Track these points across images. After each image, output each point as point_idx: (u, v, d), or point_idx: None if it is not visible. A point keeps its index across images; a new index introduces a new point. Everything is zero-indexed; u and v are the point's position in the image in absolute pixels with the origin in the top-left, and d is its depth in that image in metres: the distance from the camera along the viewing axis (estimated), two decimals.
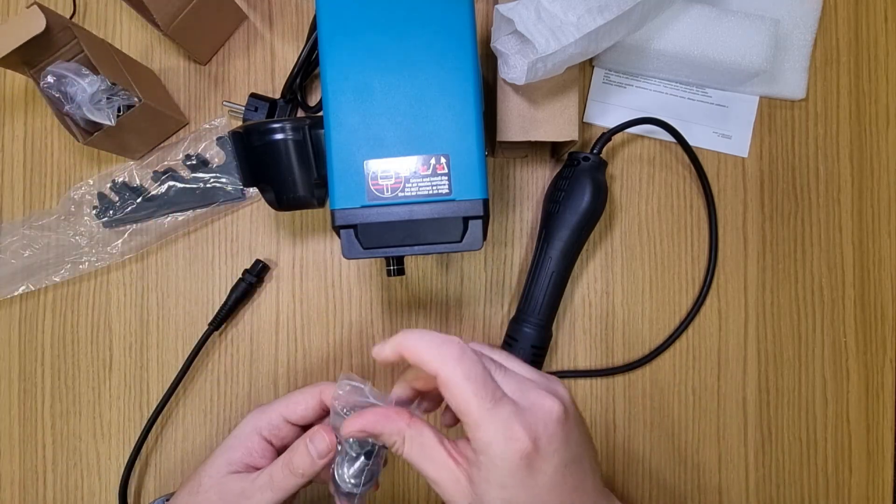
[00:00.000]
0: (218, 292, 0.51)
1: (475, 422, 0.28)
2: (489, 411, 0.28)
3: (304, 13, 0.53)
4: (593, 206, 0.45)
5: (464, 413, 0.28)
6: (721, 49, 0.46)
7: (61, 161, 0.53)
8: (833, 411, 0.50)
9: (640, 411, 0.50)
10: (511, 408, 0.28)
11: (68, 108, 0.44)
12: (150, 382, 0.51)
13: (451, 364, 0.29)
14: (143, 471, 0.51)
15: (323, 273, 0.51)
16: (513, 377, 0.30)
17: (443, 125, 0.36)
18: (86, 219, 0.51)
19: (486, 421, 0.28)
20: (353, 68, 0.36)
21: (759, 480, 0.50)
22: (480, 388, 0.28)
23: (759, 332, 0.50)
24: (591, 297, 0.51)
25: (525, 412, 0.29)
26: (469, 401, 0.28)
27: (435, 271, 0.51)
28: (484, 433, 0.28)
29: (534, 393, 0.30)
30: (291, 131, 0.39)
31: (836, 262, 0.51)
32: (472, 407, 0.28)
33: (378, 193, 0.36)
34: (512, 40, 0.42)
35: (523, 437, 0.28)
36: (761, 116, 0.51)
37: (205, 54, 0.52)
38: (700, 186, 0.51)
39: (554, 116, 0.44)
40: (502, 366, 0.31)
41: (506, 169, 0.51)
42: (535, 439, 0.28)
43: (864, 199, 0.51)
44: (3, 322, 0.52)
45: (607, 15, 0.39)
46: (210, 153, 0.51)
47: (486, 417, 0.28)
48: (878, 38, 0.52)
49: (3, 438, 0.51)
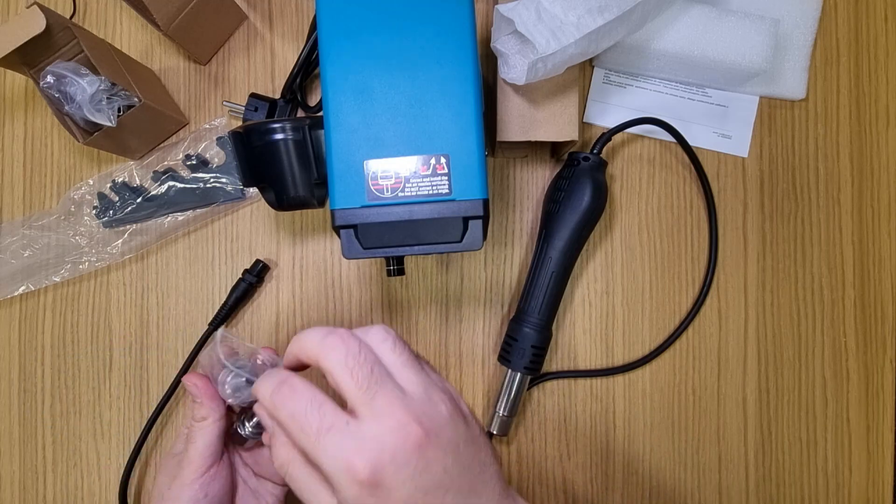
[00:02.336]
0: (218, 292, 0.51)
1: (313, 452, 0.27)
2: (318, 442, 0.27)
3: (304, 13, 0.53)
4: (593, 206, 0.45)
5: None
6: (721, 49, 0.46)
7: (61, 161, 0.53)
8: (833, 411, 0.50)
9: (640, 411, 0.50)
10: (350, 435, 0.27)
11: (68, 108, 0.44)
12: (150, 382, 0.51)
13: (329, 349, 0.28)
14: (143, 471, 0.51)
15: (323, 273, 0.51)
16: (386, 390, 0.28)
17: (443, 125, 0.36)
18: (86, 219, 0.51)
19: (319, 452, 0.27)
20: (353, 68, 0.36)
21: (759, 480, 0.50)
22: (315, 416, 0.28)
23: (759, 332, 0.50)
24: (591, 297, 0.51)
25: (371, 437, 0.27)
26: (305, 433, 0.27)
27: (435, 271, 0.51)
28: (323, 464, 0.27)
29: (396, 415, 0.27)
30: (291, 131, 0.39)
31: (836, 262, 0.51)
32: (308, 439, 0.27)
33: (378, 193, 0.36)
34: (512, 40, 0.42)
35: (361, 467, 0.26)
36: (761, 116, 0.51)
37: (205, 54, 0.52)
38: (700, 186, 0.51)
39: (554, 116, 0.44)
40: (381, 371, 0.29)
41: (506, 169, 0.51)
42: (376, 467, 0.26)
43: (864, 199, 0.51)
44: (3, 322, 0.52)
45: (607, 15, 0.39)
46: (210, 153, 0.51)
47: (319, 447, 0.27)
48: (878, 38, 0.52)
49: (3, 438, 0.51)
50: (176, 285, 0.52)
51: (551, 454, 0.50)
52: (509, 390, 0.47)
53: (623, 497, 0.50)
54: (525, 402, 0.50)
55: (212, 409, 0.38)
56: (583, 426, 0.50)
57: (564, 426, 0.50)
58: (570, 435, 0.50)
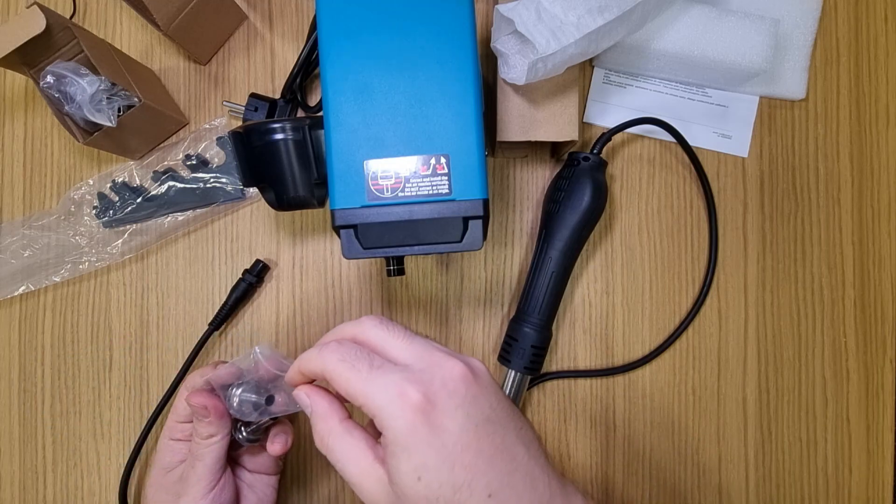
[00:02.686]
0: (218, 292, 0.51)
1: (362, 393, 0.28)
2: (368, 379, 0.28)
3: (304, 13, 0.53)
4: (593, 206, 0.45)
5: (351, 395, 0.28)
6: (721, 49, 0.46)
7: (61, 161, 0.53)
8: (833, 411, 0.50)
9: (640, 411, 0.50)
10: (398, 370, 0.28)
11: (68, 108, 0.44)
12: (150, 382, 0.51)
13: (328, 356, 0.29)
14: (143, 471, 0.51)
15: (323, 273, 0.51)
16: (417, 345, 0.30)
17: (443, 125, 0.36)
18: (86, 219, 0.51)
19: (370, 387, 0.28)
20: (353, 68, 0.36)
21: (759, 480, 0.50)
22: (355, 362, 0.28)
23: (759, 332, 0.50)
24: (591, 297, 0.51)
25: (418, 372, 0.28)
26: (348, 378, 0.28)
27: (435, 271, 0.51)
28: (373, 399, 0.27)
29: (435, 356, 0.29)
30: (291, 131, 0.39)
31: (836, 262, 0.51)
32: (353, 382, 0.28)
33: (378, 193, 0.36)
34: (512, 40, 0.42)
35: (413, 392, 0.27)
36: (761, 116, 0.51)
37: (205, 54, 0.52)
38: (700, 186, 0.51)
39: (554, 116, 0.44)
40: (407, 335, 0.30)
41: (506, 169, 0.51)
42: (427, 393, 0.27)
43: (864, 199, 0.51)
44: (3, 322, 0.52)
45: (607, 15, 0.39)
46: (210, 153, 0.51)
47: (370, 384, 0.28)
48: (878, 38, 0.52)
49: (3, 438, 0.51)
50: (176, 285, 0.52)
51: (551, 454, 0.50)
52: (509, 390, 0.47)
53: (623, 497, 0.50)
54: (525, 402, 0.50)
55: (220, 427, 0.37)
56: (583, 426, 0.50)
57: (564, 426, 0.50)
58: (570, 435, 0.50)
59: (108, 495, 0.51)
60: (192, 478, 0.37)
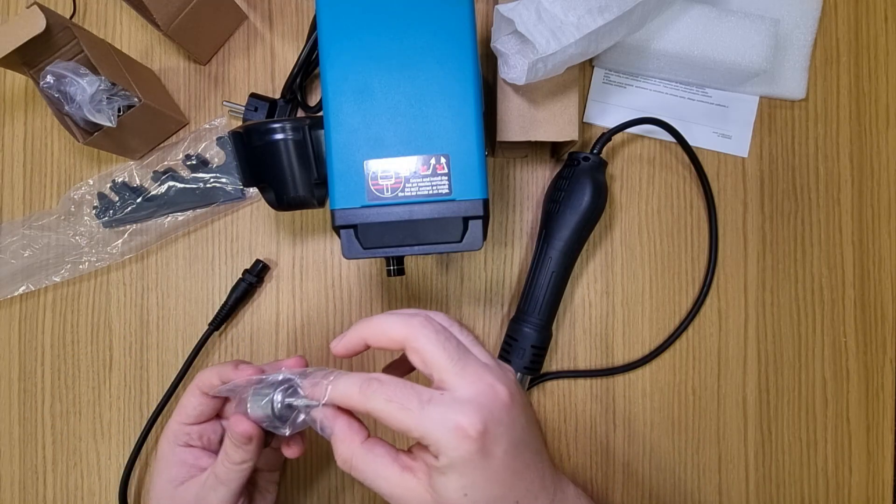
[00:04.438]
0: (218, 292, 0.51)
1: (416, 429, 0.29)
2: (421, 416, 0.29)
3: (304, 13, 0.53)
4: (593, 206, 0.45)
5: (405, 431, 0.29)
6: (721, 49, 0.46)
7: (61, 161, 0.53)
8: (833, 411, 0.50)
9: (640, 411, 0.50)
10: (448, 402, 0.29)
11: (68, 108, 0.44)
12: (150, 382, 0.51)
13: (373, 397, 0.30)
14: (143, 471, 0.51)
15: (323, 273, 0.51)
16: (469, 369, 0.31)
17: (443, 125, 0.36)
18: (86, 219, 0.51)
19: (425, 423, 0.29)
20: (353, 68, 0.36)
21: (759, 480, 0.50)
22: (404, 401, 0.29)
23: (759, 332, 0.50)
24: (591, 297, 0.51)
25: (468, 403, 0.29)
26: (401, 420, 0.29)
27: (435, 271, 0.51)
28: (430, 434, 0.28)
29: (484, 380, 0.30)
30: (291, 131, 0.39)
31: (836, 262, 0.51)
32: (406, 422, 0.29)
33: (378, 193, 0.36)
34: (512, 40, 0.42)
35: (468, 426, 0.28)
36: (761, 116, 0.51)
37: (205, 54, 0.52)
38: (700, 186, 0.51)
39: (554, 116, 0.44)
40: (458, 353, 0.31)
41: (506, 169, 0.51)
42: (480, 426, 0.28)
43: (864, 199, 0.51)
44: (3, 322, 0.52)
45: (607, 15, 0.39)
46: (210, 153, 0.51)
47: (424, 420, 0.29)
48: (878, 38, 0.52)
49: (3, 438, 0.51)
50: (176, 285, 0.52)
51: (551, 454, 0.50)
52: None
53: (623, 497, 0.50)
54: None
55: (254, 454, 0.36)
56: (583, 426, 0.50)
57: (564, 426, 0.50)
58: (570, 435, 0.50)
59: (108, 495, 0.51)
60: (212, 501, 0.36)
